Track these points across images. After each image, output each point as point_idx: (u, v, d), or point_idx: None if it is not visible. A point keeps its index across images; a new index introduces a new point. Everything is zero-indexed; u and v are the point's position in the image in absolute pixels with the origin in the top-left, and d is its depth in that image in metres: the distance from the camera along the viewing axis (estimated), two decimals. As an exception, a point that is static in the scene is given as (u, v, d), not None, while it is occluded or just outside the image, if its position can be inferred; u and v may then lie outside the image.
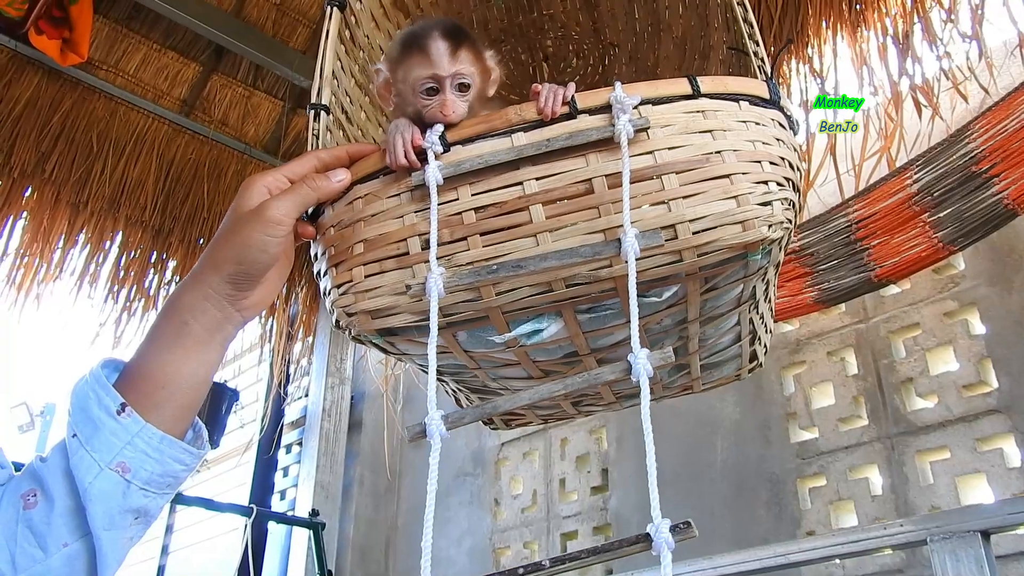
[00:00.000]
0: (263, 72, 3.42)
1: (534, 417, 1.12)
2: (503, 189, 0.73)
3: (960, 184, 1.77)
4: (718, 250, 0.70)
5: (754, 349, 1.00)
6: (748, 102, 0.76)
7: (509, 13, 1.30)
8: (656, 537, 0.55)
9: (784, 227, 0.72)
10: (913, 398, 2.19)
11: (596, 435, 2.88)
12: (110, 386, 0.70)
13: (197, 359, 0.73)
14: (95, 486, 0.67)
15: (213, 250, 0.75)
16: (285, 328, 3.47)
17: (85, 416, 0.70)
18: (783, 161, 0.75)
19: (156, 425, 0.70)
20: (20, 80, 2.95)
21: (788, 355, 2.46)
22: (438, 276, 0.70)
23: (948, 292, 2.18)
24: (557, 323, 0.76)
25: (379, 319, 0.76)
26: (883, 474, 2.16)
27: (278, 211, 0.74)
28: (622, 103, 0.72)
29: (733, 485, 2.45)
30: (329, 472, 3.42)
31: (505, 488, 3.10)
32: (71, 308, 3.03)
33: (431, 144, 0.74)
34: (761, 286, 0.84)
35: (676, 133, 0.73)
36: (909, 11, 2.21)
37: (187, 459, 0.72)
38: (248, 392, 3.86)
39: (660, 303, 0.76)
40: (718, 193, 0.71)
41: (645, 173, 0.71)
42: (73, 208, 2.99)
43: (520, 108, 0.74)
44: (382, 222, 0.76)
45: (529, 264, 0.70)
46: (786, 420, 2.41)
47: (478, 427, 3.21)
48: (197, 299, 0.74)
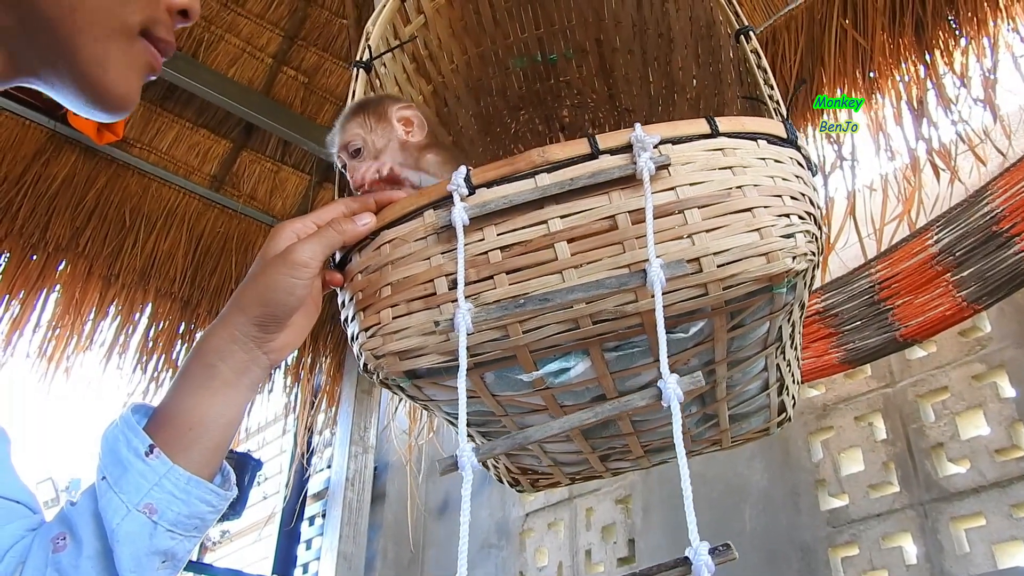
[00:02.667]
0: (291, 148, 3.52)
1: (562, 476, 1.11)
2: (528, 228, 0.75)
3: (981, 244, 1.77)
4: (743, 282, 0.71)
5: (782, 400, 1.00)
6: (766, 140, 0.78)
7: (527, 80, 1.34)
8: (695, 560, 0.56)
9: (808, 259, 0.73)
10: (944, 463, 2.14)
11: (622, 504, 2.84)
12: (139, 428, 0.71)
13: (224, 400, 0.74)
14: (122, 527, 0.67)
15: (240, 294, 0.76)
16: (309, 398, 3.48)
17: (114, 458, 0.70)
18: (803, 196, 0.76)
19: (184, 467, 0.70)
20: (58, 159, 3.05)
21: (815, 420, 2.43)
22: (466, 311, 0.71)
23: (975, 355, 2.16)
24: (584, 362, 0.77)
25: (407, 360, 0.76)
26: (917, 542, 2.11)
27: (304, 254, 0.75)
28: (642, 142, 0.73)
29: (764, 555, 2.39)
30: (352, 543, 3.37)
31: (530, 560, 3.04)
32: (100, 379, 3.07)
33: (457, 187, 0.76)
34: (787, 327, 0.84)
35: (697, 170, 0.74)
36: (922, 78, 2.25)
37: (214, 500, 0.72)
38: (272, 464, 3.85)
39: (687, 339, 0.76)
40: (741, 226, 0.72)
41: (668, 208, 0.73)
42: (105, 281, 3.06)
43: (543, 150, 0.76)
44: (409, 264, 0.78)
45: (556, 297, 0.71)
46: (815, 487, 2.36)
47: (502, 497, 3.18)
48: (224, 341, 0.75)
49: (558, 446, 0.99)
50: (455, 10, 1.21)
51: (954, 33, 2.23)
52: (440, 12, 1.19)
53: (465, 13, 1.22)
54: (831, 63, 2.38)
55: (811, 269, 0.76)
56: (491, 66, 1.31)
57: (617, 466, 1.08)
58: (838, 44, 2.38)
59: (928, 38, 2.25)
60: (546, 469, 1.09)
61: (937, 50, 2.24)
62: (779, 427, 1.07)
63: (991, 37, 2.15)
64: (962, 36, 2.20)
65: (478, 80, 1.31)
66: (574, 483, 1.14)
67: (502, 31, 1.26)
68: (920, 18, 2.25)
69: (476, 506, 3.30)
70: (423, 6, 1.17)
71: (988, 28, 2.15)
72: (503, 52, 1.29)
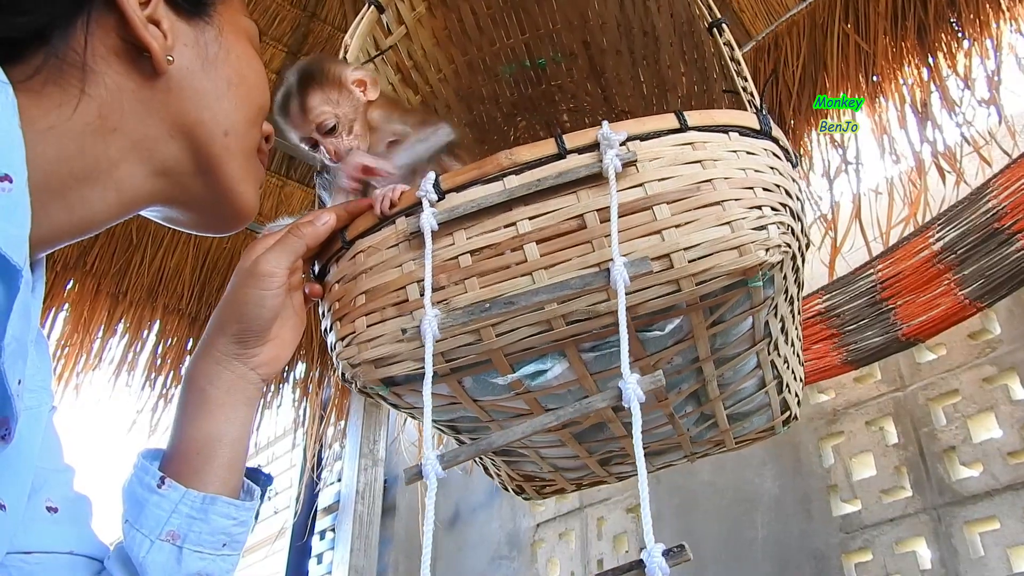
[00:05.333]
0: (296, 162, 3.53)
1: (565, 483, 1.10)
2: (497, 231, 0.74)
3: (983, 241, 1.76)
4: (716, 277, 0.70)
5: (784, 398, 0.98)
6: (738, 133, 0.77)
7: (518, 87, 1.34)
8: (649, 562, 0.54)
9: (782, 251, 0.71)
10: (957, 467, 2.12)
11: (633, 514, 2.82)
12: (148, 465, 0.72)
13: (224, 420, 0.75)
14: (148, 558, 0.69)
15: (217, 315, 0.78)
16: (318, 411, 3.48)
17: (132, 500, 0.72)
18: (778, 188, 0.75)
19: (199, 489, 0.71)
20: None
21: (825, 425, 2.41)
22: (432, 317, 0.71)
23: (985, 357, 2.14)
24: (561, 363, 0.76)
25: (382, 368, 0.76)
26: (931, 547, 2.08)
27: (268, 264, 0.76)
28: (609, 139, 0.73)
29: (777, 563, 2.37)
30: (363, 556, 3.37)
31: (542, 571, 3.02)
32: (109, 397, 3.07)
33: (425, 192, 0.76)
34: (775, 323, 0.83)
35: (665, 165, 0.73)
36: (926, 81, 2.24)
37: (234, 513, 0.73)
38: (282, 478, 3.85)
39: (664, 337, 0.75)
40: (711, 220, 0.71)
41: (636, 205, 0.72)
42: (113, 298, 3.06)
43: (511, 152, 0.75)
44: (382, 272, 0.78)
45: (521, 300, 0.71)
46: (827, 493, 2.34)
47: (512, 508, 3.17)
48: (209, 364, 0.76)
49: (554, 451, 0.98)
50: (437, 19, 1.21)
51: (956, 35, 2.22)
52: (422, 22, 1.19)
53: (448, 22, 1.22)
54: (834, 68, 2.38)
55: (790, 261, 0.74)
56: (479, 74, 1.30)
57: (620, 470, 1.07)
58: (840, 49, 2.37)
59: (931, 41, 2.24)
60: (548, 476, 1.08)
61: (940, 52, 2.23)
62: (785, 426, 1.05)
63: (994, 38, 2.14)
64: (965, 38, 2.19)
65: (468, 88, 1.30)
66: (580, 489, 1.13)
67: (487, 38, 1.26)
68: (922, 21, 2.25)
69: (486, 518, 3.29)
70: (404, 16, 1.17)
71: (991, 29, 2.15)
72: (490, 59, 1.28)
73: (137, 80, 0.65)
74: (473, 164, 0.77)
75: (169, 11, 0.67)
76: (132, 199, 0.68)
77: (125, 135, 0.65)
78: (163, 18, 0.66)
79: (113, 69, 0.64)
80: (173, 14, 0.68)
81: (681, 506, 2.65)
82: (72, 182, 0.62)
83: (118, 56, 0.64)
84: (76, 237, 0.66)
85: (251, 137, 0.74)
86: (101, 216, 0.66)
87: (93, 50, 0.63)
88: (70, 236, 0.65)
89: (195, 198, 0.72)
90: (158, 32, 0.65)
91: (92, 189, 0.64)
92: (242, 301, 0.76)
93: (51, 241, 0.64)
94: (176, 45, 0.67)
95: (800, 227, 0.79)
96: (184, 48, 0.68)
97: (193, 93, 0.68)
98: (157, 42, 0.65)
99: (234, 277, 0.79)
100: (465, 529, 3.38)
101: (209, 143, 0.69)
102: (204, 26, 0.70)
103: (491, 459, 1.06)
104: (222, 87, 0.70)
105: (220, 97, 0.70)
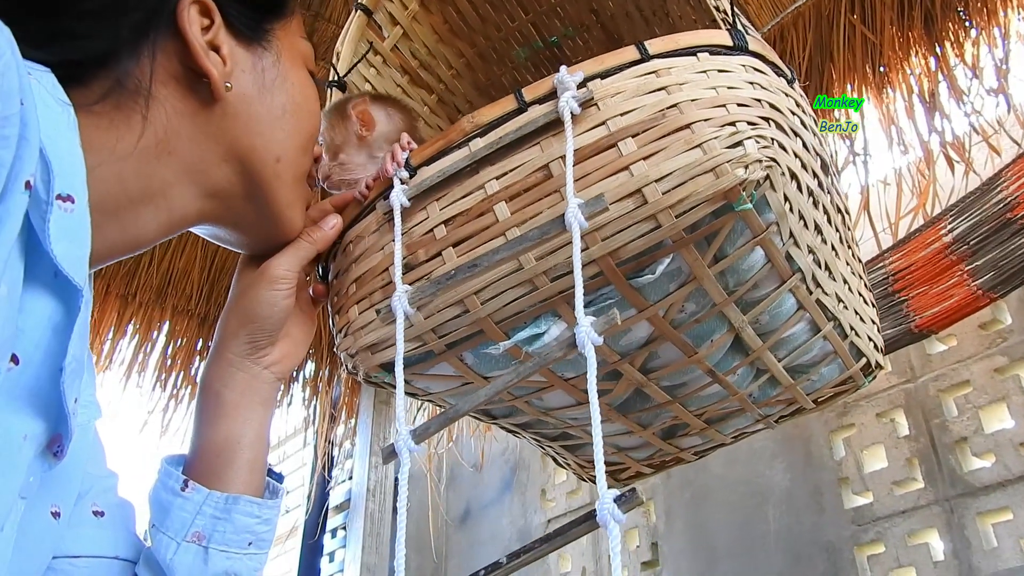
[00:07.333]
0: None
1: (635, 464, 1.05)
2: (468, 196, 0.73)
3: (995, 232, 1.75)
4: (695, 205, 0.65)
5: (851, 342, 0.90)
6: (708, 53, 0.73)
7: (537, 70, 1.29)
8: (600, 511, 0.53)
9: (765, 165, 0.66)
10: (969, 458, 2.11)
11: (643, 508, 2.82)
12: (172, 470, 0.73)
13: (242, 420, 0.76)
14: (176, 560, 0.69)
15: (225, 319, 0.79)
16: (328, 410, 3.49)
17: (158, 505, 0.73)
18: (758, 102, 0.71)
19: (222, 490, 0.72)
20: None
21: (836, 418, 2.40)
22: (403, 293, 0.70)
23: (997, 348, 2.13)
24: (558, 324, 0.73)
25: (378, 353, 0.76)
26: (944, 539, 2.08)
27: (280, 268, 0.77)
28: (564, 83, 0.71)
29: (789, 556, 2.36)
30: (375, 554, 3.37)
31: (553, 567, 3.02)
32: (120, 398, 3.09)
33: (396, 171, 0.77)
34: (802, 255, 0.76)
35: (627, 98, 0.70)
36: (933, 71, 2.23)
37: (258, 511, 0.73)
38: (293, 477, 3.86)
39: (659, 281, 0.71)
40: (680, 146, 0.66)
41: (601, 144, 0.69)
42: (122, 300, 3.07)
43: (473, 115, 0.74)
44: (368, 257, 0.78)
45: (483, 260, 0.69)
46: (839, 485, 2.34)
47: (523, 505, 3.17)
48: (222, 368, 0.77)
49: (608, 427, 0.93)
50: (434, 15, 1.18)
51: (964, 24, 2.21)
52: (418, 19, 1.17)
53: (446, 15, 1.19)
54: (840, 59, 2.37)
55: (781, 177, 0.69)
56: (494, 63, 1.27)
57: (690, 444, 1.02)
58: (847, 40, 2.36)
59: (938, 30, 2.23)
60: (614, 458, 1.04)
61: (947, 42, 2.22)
62: (869, 377, 0.98)
63: (1002, 27, 2.13)
64: (972, 27, 2.18)
65: (487, 80, 1.28)
66: (659, 471, 1.08)
67: (492, 25, 1.22)
68: (929, 11, 2.24)
69: (497, 514, 3.29)
70: (397, 17, 1.15)
71: (998, 18, 2.14)
72: (501, 46, 1.25)
73: (194, 105, 0.65)
74: (439, 135, 0.77)
75: (229, 36, 0.68)
76: (182, 218, 0.69)
77: (180, 158, 0.65)
78: (223, 44, 0.66)
79: (172, 94, 0.64)
80: (233, 40, 0.68)
81: (693, 500, 2.65)
82: (127, 203, 0.62)
83: (177, 81, 0.65)
84: (125, 254, 0.67)
85: (302, 164, 0.75)
86: (151, 235, 0.66)
87: (156, 76, 0.63)
88: (120, 253, 0.66)
89: (243, 219, 0.74)
90: (218, 59, 0.66)
91: (145, 209, 0.64)
92: (254, 303, 0.77)
93: (103, 258, 0.65)
94: (235, 71, 0.67)
95: (802, 143, 0.74)
96: (242, 74, 0.68)
97: (248, 119, 0.69)
98: (217, 69, 0.65)
99: (237, 278, 0.80)
100: (476, 526, 3.39)
101: (261, 169, 0.70)
102: (262, 52, 0.71)
103: (551, 447, 1.02)
104: (277, 113, 0.71)
105: (274, 123, 0.71)
